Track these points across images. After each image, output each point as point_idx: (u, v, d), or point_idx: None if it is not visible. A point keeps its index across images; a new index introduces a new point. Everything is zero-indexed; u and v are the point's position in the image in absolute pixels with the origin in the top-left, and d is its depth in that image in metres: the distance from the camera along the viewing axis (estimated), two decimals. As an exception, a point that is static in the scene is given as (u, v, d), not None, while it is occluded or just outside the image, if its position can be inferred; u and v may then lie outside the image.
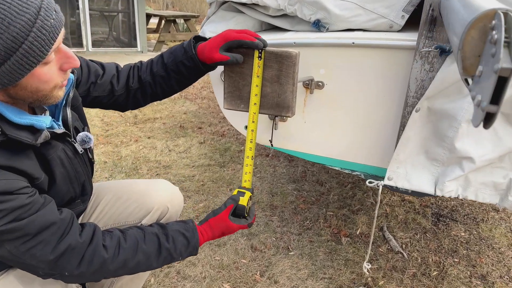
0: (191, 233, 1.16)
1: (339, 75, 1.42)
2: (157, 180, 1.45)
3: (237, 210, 1.27)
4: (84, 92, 1.31)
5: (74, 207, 1.16)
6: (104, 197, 1.37)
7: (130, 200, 1.36)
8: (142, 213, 1.35)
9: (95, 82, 1.33)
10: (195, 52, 1.27)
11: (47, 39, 0.85)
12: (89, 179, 1.20)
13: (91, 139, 1.16)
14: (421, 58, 1.25)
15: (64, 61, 0.94)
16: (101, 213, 1.35)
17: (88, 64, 1.33)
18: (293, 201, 2.66)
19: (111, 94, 1.36)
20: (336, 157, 1.52)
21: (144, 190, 1.38)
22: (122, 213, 1.35)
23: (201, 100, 4.86)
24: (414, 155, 1.32)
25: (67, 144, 1.09)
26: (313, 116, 1.50)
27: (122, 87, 1.37)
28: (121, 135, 3.67)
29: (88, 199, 1.24)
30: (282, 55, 1.20)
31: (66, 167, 1.07)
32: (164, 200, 1.37)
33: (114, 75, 1.37)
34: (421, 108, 1.26)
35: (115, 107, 1.44)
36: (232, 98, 1.31)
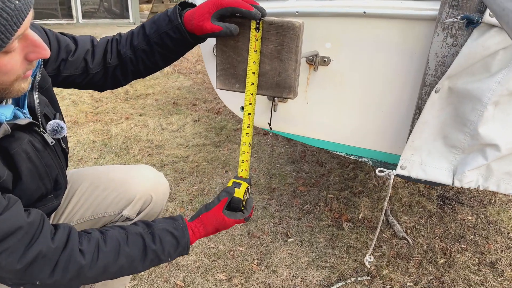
0: (180, 232, 1.03)
1: (347, 50, 1.25)
2: (139, 166, 1.30)
3: (232, 203, 1.14)
4: (53, 71, 1.13)
5: (46, 204, 1.02)
6: (79, 186, 1.23)
7: (109, 189, 1.22)
8: (123, 203, 1.21)
9: (66, 59, 1.14)
10: (181, 21, 1.09)
11: (8, 25, 0.70)
12: (62, 172, 1.06)
13: (64, 128, 1.00)
14: (443, 31, 1.08)
15: (30, 50, 0.79)
16: (76, 204, 1.21)
17: (58, 38, 1.15)
18: (292, 183, 2.54)
19: (85, 72, 1.19)
20: (341, 142, 1.37)
21: (124, 177, 1.24)
22: (101, 204, 1.21)
23: (196, 74, 4.66)
24: (430, 141, 1.18)
25: (35, 135, 0.94)
26: (317, 96, 1.35)
27: (98, 64, 1.19)
28: (111, 112, 3.50)
29: (62, 194, 1.10)
30: (284, 26, 1.03)
31: (34, 162, 0.92)
32: (147, 188, 1.23)
33: (88, 51, 1.19)
34: (441, 88, 1.10)
35: (92, 87, 1.27)
36: (226, 77, 1.14)
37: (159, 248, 1.00)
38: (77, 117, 3.37)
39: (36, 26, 1.11)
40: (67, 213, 1.23)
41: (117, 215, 1.25)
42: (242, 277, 1.74)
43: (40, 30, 1.11)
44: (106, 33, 1.33)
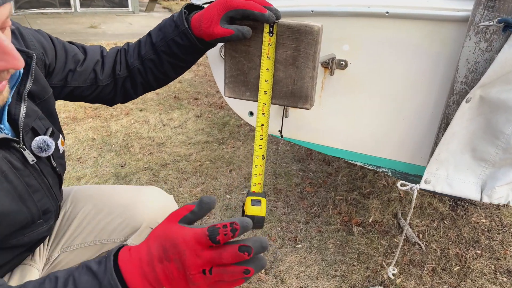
0: (102, 266, 0.62)
1: (366, 53, 1.15)
2: (147, 189, 1.20)
3: (256, 224, 1.05)
4: (59, 82, 1.03)
5: (35, 229, 0.93)
6: (82, 208, 1.14)
7: (114, 213, 1.13)
8: (128, 230, 1.12)
9: (74, 70, 1.04)
10: (188, 25, 0.99)
11: None
12: (50, 194, 0.95)
13: (50, 146, 0.89)
14: (476, 34, 0.98)
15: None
16: (78, 227, 1.12)
17: (65, 46, 1.05)
18: (299, 184, 2.45)
19: (94, 84, 1.09)
20: (358, 151, 1.28)
21: (130, 201, 1.14)
22: (104, 229, 1.12)
23: (197, 67, 4.54)
24: (458, 154, 1.08)
25: (13, 151, 0.83)
26: (333, 101, 1.25)
27: (108, 76, 1.10)
28: (111, 108, 3.39)
29: (53, 217, 1.00)
30: (301, 31, 0.93)
31: (11, 181, 0.81)
32: (154, 214, 1.14)
33: (98, 61, 1.09)
34: (472, 98, 1.00)
35: (101, 100, 1.17)
36: (236, 84, 1.04)
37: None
38: (75, 112, 3.27)
39: (42, 33, 1.01)
40: (68, 237, 1.14)
41: (122, 243, 1.16)
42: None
43: (47, 38, 1.01)
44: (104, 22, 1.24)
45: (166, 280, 0.59)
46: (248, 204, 1.07)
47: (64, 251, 1.11)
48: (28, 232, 0.92)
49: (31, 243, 0.96)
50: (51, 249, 1.11)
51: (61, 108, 3.28)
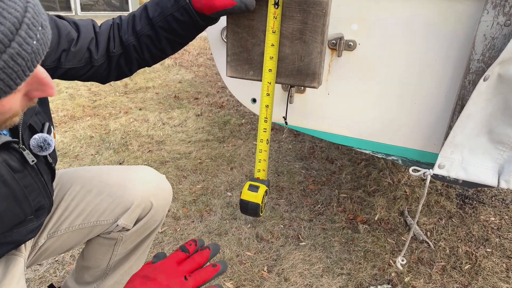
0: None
1: (376, 32, 1.09)
2: (137, 167, 1.14)
3: (249, 210, 0.99)
4: (53, 63, 0.96)
5: (25, 225, 0.87)
6: (68, 189, 1.07)
7: (103, 193, 1.06)
8: (118, 210, 1.06)
9: (67, 50, 0.97)
10: (189, 0, 0.93)
11: (21, 70, 0.54)
12: (45, 192, 0.90)
13: (51, 145, 0.85)
14: (494, 8, 0.92)
15: (34, 88, 0.64)
16: (65, 210, 1.06)
17: (58, 24, 0.98)
18: (302, 182, 2.38)
19: (89, 64, 1.02)
20: (367, 138, 1.22)
21: (120, 180, 1.08)
22: (94, 211, 1.06)
23: (197, 67, 4.49)
24: (473, 137, 1.02)
25: (12, 152, 0.78)
26: (340, 86, 1.19)
27: (103, 54, 1.03)
28: (110, 106, 3.34)
29: (45, 213, 0.94)
30: (308, 1, 0.87)
31: (9, 186, 0.76)
32: (146, 193, 1.07)
33: (93, 39, 1.02)
34: (490, 75, 0.94)
35: (94, 79, 1.10)
36: (238, 62, 0.99)
37: None
38: (73, 111, 3.21)
39: None
40: (54, 221, 1.08)
41: (112, 224, 1.10)
42: (251, 286, 1.59)
43: None
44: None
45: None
46: (245, 188, 1.01)
47: (51, 236, 1.05)
48: (18, 228, 0.86)
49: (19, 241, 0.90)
50: (37, 236, 1.04)
51: (59, 107, 3.22)
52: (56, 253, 1.13)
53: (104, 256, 1.18)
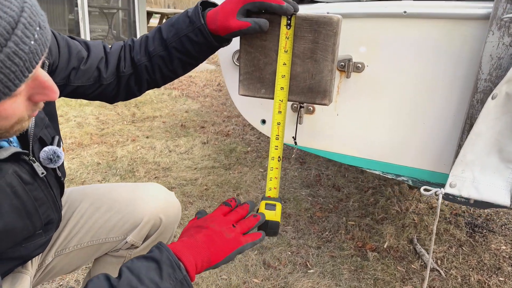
0: (155, 252, 0.76)
1: (384, 54, 1.13)
2: (146, 184, 1.15)
3: (270, 229, 0.98)
4: (62, 81, 0.99)
5: (33, 240, 0.86)
6: (78, 206, 1.07)
7: (112, 210, 1.06)
8: (128, 227, 1.05)
9: (77, 68, 1.00)
10: (204, 21, 0.97)
11: (19, 71, 0.55)
12: (55, 205, 0.90)
13: (60, 157, 0.85)
14: (499, 29, 0.95)
15: (37, 92, 0.64)
16: (74, 227, 1.05)
17: (68, 43, 1.02)
18: (309, 209, 2.36)
19: (97, 82, 1.05)
20: (377, 159, 1.22)
21: (129, 197, 1.08)
22: (102, 227, 1.05)
23: (204, 98, 4.57)
24: (484, 156, 1.03)
25: (23, 164, 0.78)
26: (349, 106, 1.21)
27: (112, 73, 1.06)
28: (118, 134, 3.37)
29: (54, 228, 0.94)
30: (319, 22, 0.91)
31: (20, 197, 0.76)
32: (155, 209, 1.07)
33: (102, 58, 1.05)
34: (498, 94, 0.96)
35: (102, 98, 1.13)
36: (251, 81, 1.01)
37: (130, 281, 0.71)
38: (81, 138, 3.24)
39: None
40: (63, 238, 1.07)
41: (121, 241, 1.09)
42: (259, 313, 1.55)
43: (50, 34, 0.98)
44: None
45: (208, 240, 0.80)
46: (262, 208, 1.00)
47: (59, 254, 1.04)
48: (26, 243, 0.86)
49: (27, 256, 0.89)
50: (44, 254, 1.03)
51: (67, 135, 3.26)
52: (63, 272, 1.11)
53: (112, 275, 1.16)
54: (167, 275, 0.72)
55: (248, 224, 0.88)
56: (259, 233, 0.89)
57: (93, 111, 3.94)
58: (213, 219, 0.85)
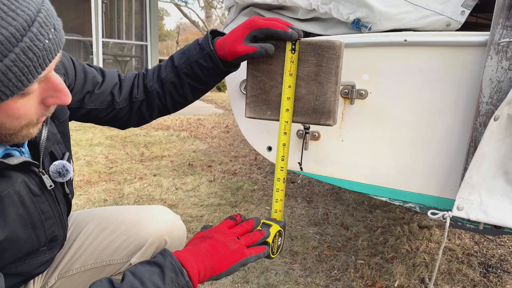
0: (159, 257, 0.77)
1: (386, 82, 1.16)
2: (153, 206, 1.15)
3: None
4: (77, 103, 1.05)
5: (37, 257, 0.86)
6: (84, 228, 1.07)
7: (118, 231, 1.06)
8: (132, 248, 1.04)
9: (91, 92, 1.07)
10: (213, 47, 1.02)
11: (33, 66, 0.59)
12: (61, 221, 0.90)
13: (69, 171, 0.88)
14: (497, 54, 0.99)
15: (50, 94, 0.68)
16: (79, 249, 1.05)
17: (85, 68, 1.08)
18: (316, 247, 2.31)
19: (110, 106, 1.11)
20: (383, 185, 1.22)
21: (135, 218, 1.08)
22: (106, 249, 1.05)
23: (212, 139, 4.63)
24: (490, 178, 1.02)
25: (32, 175, 0.80)
26: (353, 132, 1.23)
27: (125, 98, 1.12)
28: (126, 173, 3.40)
29: (58, 246, 0.94)
30: (322, 46, 0.95)
31: (27, 207, 0.78)
32: (160, 230, 1.07)
33: (116, 84, 1.12)
34: (500, 115, 0.98)
35: (114, 123, 1.18)
36: (257, 104, 1.04)
37: (133, 284, 0.71)
38: (90, 176, 3.27)
39: (64, 54, 1.05)
40: (67, 260, 1.06)
41: (124, 264, 1.08)
42: None
43: (68, 58, 1.04)
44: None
45: (212, 249, 0.80)
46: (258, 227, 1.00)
47: (62, 276, 1.02)
48: (29, 259, 0.86)
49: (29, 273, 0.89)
50: (47, 275, 1.02)
51: (75, 173, 3.30)
52: None
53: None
54: (170, 280, 0.72)
55: (253, 237, 0.88)
56: (263, 247, 0.88)
57: (103, 150, 4.00)
58: (218, 231, 0.86)
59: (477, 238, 2.50)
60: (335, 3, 1.25)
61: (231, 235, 0.85)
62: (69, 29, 8.47)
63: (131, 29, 9.64)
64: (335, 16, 1.26)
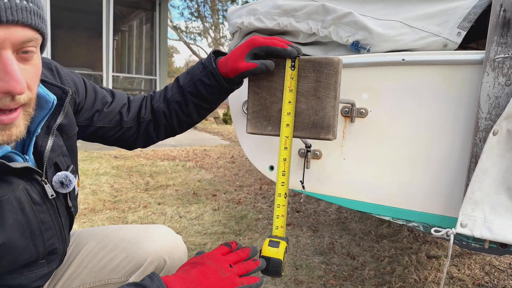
0: (146, 280, 0.76)
1: (386, 100, 1.18)
2: (155, 225, 1.15)
3: (271, 268, 0.95)
4: (86, 121, 1.08)
5: (35, 270, 0.85)
6: (85, 245, 1.07)
7: (117, 249, 1.05)
8: (131, 267, 1.03)
9: (101, 110, 1.10)
10: (216, 66, 1.06)
11: None
12: (61, 234, 0.90)
13: (72, 182, 0.88)
14: (493, 70, 1.00)
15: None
16: (78, 267, 1.04)
17: (95, 88, 1.12)
18: (322, 276, 2.25)
19: (118, 125, 1.14)
20: (386, 204, 1.21)
21: (136, 236, 1.08)
22: (105, 267, 1.03)
23: (217, 169, 4.64)
24: (493, 194, 1.01)
25: (34, 183, 0.81)
26: (355, 151, 1.23)
27: (133, 118, 1.15)
28: (130, 201, 3.40)
29: (58, 260, 0.93)
30: (321, 63, 0.98)
31: (26, 215, 0.78)
32: (160, 250, 1.06)
33: (125, 104, 1.16)
34: (499, 130, 0.98)
35: (122, 143, 1.20)
36: (258, 119, 1.06)
37: None
38: (94, 205, 3.27)
39: (76, 74, 1.09)
40: (66, 278, 1.05)
41: (124, 283, 1.06)
42: None
43: (79, 78, 1.08)
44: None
45: (202, 276, 0.79)
46: (266, 244, 0.99)
47: None
48: (27, 271, 0.85)
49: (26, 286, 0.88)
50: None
51: (80, 201, 3.30)
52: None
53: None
54: None
55: (247, 266, 0.86)
56: (257, 277, 0.85)
57: (109, 180, 4.02)
58: (211, 257, 0.84)
59: (488, 269, 2.43)
60: (334, 27, 1.29)
61: (223, 263, 0.83)
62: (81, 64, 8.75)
63: (141, 64, 9.92)
64: (335, 39, 1.29)
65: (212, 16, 21.71)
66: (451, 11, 1.19)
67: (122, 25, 10.58)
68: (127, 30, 10.75)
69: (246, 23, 1.42)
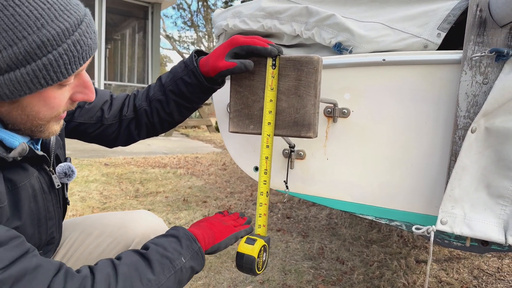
0: (172, 230, 0.92)
1: (367, 100, 1.19)
2: (137, 210, 1.17)
3: (245, 264, 0.95)
4: (67, 117, 1.09)
5: None
6: (69, 235, 1.07)
7: (104, 234, 1.06)
8: (119, 249, 1.03)
9: (82, 106, 1.13)
10: (197, 64, 1.07)
11: (78, 57, 0.71)
12: (59, 224, 0.94)
13: (74, 173, 0.95)
14: (470, 69, 1.02)
15: (79, 91, 0.79)
16: (65, 255, 1.04)
17: None
18: (310, 281, 2.25)
19: (99, 122, 1.14)
20: (369, 203, 1.21)
21: (121, 221, 1.09)
22: (93, 252, 1.04)
23: (208, 176, 4.63)
24: (472, 192, 1.02)
25: (43, 173, 0.86)
26: (337, 151, 1.24)
27: (114, 115, 1.16)
28: (119, 208, 3.37)
29: (52, 251, 0.95)
30: (301, 61, 0.99)
31: (37, 203, 0.82)
32: (147, 230, 1.07)
33: (107, 101, 1.17)
34: (477, 128, 0.99)
35: (102, 140, 1.20)
36: (240, 118, 1.07)
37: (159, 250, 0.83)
38: (83, 211, 3.24)
39: None
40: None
41: None
42: None
43: None
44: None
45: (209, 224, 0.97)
46: (242, 241, 0.99)
47: None
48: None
49: None
50: None
51: (68, 208, 3.26)
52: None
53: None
54: (186, 246, 0.86)
55: (240, 221, 1.06)
56: (249, 225, 1.06)
57: (98, 187, 3.99)
58: (211, 217, 1.04)
59: (476, 273, 2.43)
60: (317, 29, 1.31)
61: (222, 218, 1.04)
62: (73, 72, 8.71)
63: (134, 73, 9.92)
64: (318, 41, 1.31)
65: (206, 25, 21.85)
66: (431, 13, 1.21)
67: (115, 33, 10.60)
68: (119, 39, 10.78)
69: (231, 25, 1.44)
